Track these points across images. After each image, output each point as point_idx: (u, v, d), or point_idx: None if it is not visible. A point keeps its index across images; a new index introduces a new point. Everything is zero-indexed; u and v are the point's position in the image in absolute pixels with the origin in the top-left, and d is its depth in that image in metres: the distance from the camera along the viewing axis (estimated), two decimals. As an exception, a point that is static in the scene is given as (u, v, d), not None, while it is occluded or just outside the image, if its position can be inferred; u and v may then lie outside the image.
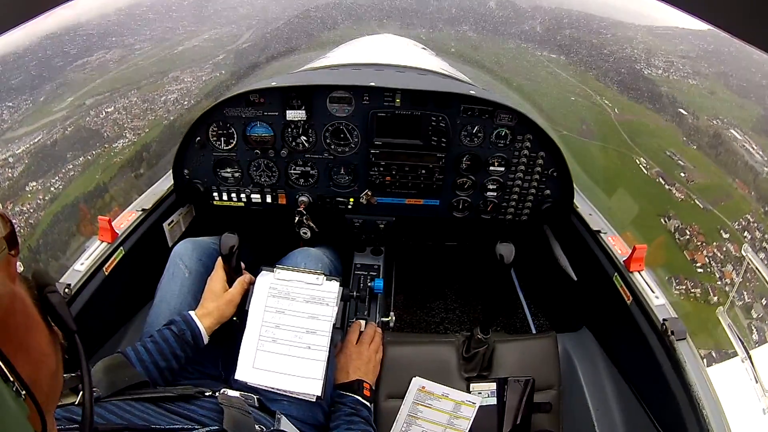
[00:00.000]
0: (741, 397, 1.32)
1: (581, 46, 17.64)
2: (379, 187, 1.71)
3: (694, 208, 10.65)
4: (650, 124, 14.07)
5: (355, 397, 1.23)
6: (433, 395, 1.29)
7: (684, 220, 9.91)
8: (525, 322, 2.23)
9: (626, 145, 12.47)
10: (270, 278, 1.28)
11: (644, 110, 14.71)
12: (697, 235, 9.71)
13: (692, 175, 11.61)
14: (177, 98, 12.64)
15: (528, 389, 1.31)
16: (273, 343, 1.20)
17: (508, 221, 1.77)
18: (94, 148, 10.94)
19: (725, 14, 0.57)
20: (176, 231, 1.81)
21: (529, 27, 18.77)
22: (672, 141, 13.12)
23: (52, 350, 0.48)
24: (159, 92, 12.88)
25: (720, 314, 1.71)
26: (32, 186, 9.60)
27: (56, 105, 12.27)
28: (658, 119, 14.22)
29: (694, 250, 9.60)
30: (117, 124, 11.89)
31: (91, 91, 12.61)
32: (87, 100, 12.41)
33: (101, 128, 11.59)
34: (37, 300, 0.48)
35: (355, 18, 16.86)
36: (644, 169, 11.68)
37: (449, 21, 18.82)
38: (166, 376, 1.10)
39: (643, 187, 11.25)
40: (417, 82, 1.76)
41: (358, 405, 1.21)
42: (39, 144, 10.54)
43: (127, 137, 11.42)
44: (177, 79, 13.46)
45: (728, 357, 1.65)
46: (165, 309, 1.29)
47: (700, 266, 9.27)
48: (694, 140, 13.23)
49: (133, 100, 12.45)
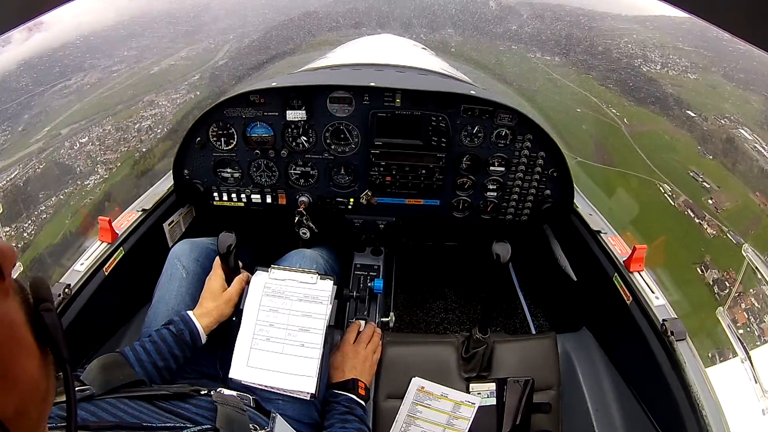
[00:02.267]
0: (740, 397, 1.32)
1: (573, 43, 17.40)
2: (379, 187, 1.71)
3: (726, 245, 9.42)
4: (663, 134, 13.48)
5: (350, 396, 1.23)
6: (433, 395, 1.29)
7: (719, 264, 8.51)
8: (525, 323, 2.23)
9: (646, 168, 11.57)
10: (264, 277, 1.28)
11: (652, 116, 14.21)
12: (733, 283, 8.16)
13: (718, 200, 10.63)
14: (150, 125, 12.36)
15: (527, 389, 1.31)
16: (267, 342, 1.20)
17: (508, 221, 1.77)
18: (67, 186, 10.63)
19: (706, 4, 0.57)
20: (176, 231, 1.81)
21: (517, 26, 18.54)
22: (689, 154, 12.47)
23: (43, 374, 0.45)
24: (133, 119, 12.61)
25: (720, 314, 1.70)
26: (6, 232, 9.34)
27: (33, 136, 11.98)
28: (668, 126, 13.70)
29: (733, 305, 7.80)
30: (90, 158, 11.54)
31: (67, 120, 12.36)
32: (63, 130, 12.14)
33: (74, 162, 11.30)
34: (31, 316, 0.46)
35: (330, 28, 16.69)
36: (671, 200, 10.70)
37: (430, 24, 18.59)
38: (164, 375, 1.11)
39: (674, 225, 10.13)
40: (417, 82, 1.76)
41: (352, 404, 1.22)
42: (13, 181, 10.22)
43: (98, 173, 11.09)
44: (152, 103, 13.17)
45: (728, 357, 1.65)
46: (163, 309, 1.29)
47: (741, 326, 7.60)
48: (709, 149, 12.63)
49: (107, 129, 12.16)
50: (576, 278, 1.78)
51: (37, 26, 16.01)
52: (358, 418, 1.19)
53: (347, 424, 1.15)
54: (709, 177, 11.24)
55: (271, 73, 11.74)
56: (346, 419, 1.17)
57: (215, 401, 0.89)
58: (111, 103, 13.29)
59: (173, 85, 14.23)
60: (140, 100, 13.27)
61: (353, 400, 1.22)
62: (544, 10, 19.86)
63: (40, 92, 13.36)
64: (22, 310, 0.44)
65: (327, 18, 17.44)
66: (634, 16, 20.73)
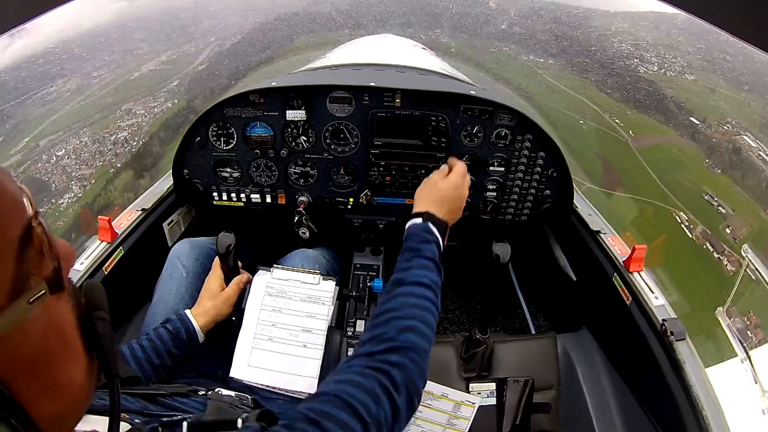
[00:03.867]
0: (740, 397, 1.32)
1: (564, 42, 17.15)
2: (379, 187, 1.71)
3: (746, 281, 8.32)
4: (670, 148, 12.88)
5: (424, 225, 1.04)
6: (432, 395, 1.29)
7: (741, 307, 7.31)
8: (524, 323, 2.23)
9: (659, 191, 10.79)
10: (267, 277, 1.29)
11: (656, 125, 13.72)
12: (755, 329, 7.34)
13: (735, 225, 10.00)
14: (126, 137, 12.16)
15: (527, 389, 1.31)
16: (269, 342, 1.21)
17: (508, 221, 1.77)
18: (41, 205, 10.51)
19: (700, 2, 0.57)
20: (176, 231, 1.81)
21: (507, 25, 18.33)
22: (699, 170, 11.93)
23: (87, 380, 0.44)
24: (110, 129, 12.39)
25: (719, 315, 1.70)
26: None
27: (13, 147, 11.83)
28: (674, 138, 13.16)
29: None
30: (65, 173, 11.38)
31: (46, 131, 12.18)
32: (41, 141, 11.98)
33: (50, 178, 11.18)
34: (82, 320, 0.45)
35: (307, 30, 16.48)
36: (688, 232, 10.00)
37: (422, 25, 18.37)
38: (160, 374, 1.11)
39: (694, 263, 9.31)
40: (417, 82, 1.76)
41: (426, 232, 1.02)
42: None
43: (73, 190, 10.94)
44: (129, 113, 12.93)
45: (728, 357, 1.65)
46: (162, 309, 1.29)
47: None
48: (717, 162, 12.15)
49: (84, 140, 11.97)
50: (576, 278, 1.78)
51: (20, 32, 15.94)
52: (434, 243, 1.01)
53: (425, 243, 0.99)
54: (722, 197, 10.69)
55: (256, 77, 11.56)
56: (426, 239, 1.00)
57: (209, 398, 0.89)
58: (89, 112, 12.98)
59: (151, 92, 13.98)
60: (118, 109, 13.01)
61: (425, 227, 1.04)
62: (532, 8, 19.70)
63: (22, 100, 13.18)
64: (73, 313, 0.44)
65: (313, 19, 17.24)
66: (623, 12, 20.60)
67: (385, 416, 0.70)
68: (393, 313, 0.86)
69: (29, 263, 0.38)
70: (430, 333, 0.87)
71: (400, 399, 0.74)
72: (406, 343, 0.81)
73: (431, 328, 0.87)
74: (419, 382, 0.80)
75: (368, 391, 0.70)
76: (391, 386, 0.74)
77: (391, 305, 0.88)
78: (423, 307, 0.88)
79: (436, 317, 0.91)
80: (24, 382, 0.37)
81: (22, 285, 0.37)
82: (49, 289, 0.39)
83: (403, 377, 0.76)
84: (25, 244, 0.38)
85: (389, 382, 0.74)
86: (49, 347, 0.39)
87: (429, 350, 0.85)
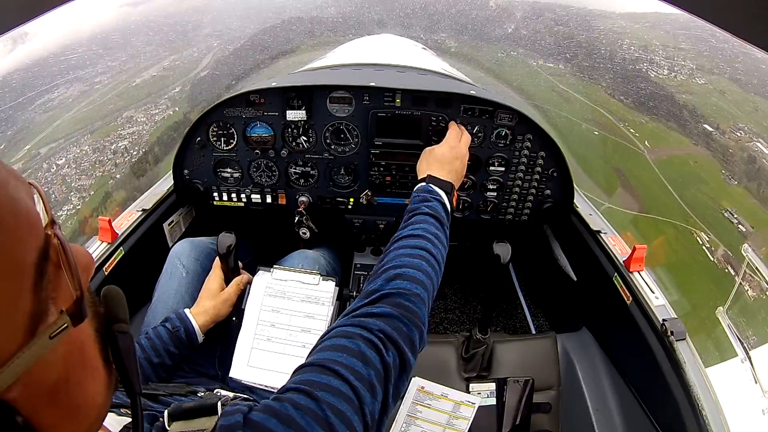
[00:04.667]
0: (740, 397, 1.32)
1: (572, 44, 16.99)
2: (379, 187, 1.71)
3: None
4: (687, 159, 12.39)
5: (424, 185, 1.09)
6: (433, 395, 1.29)
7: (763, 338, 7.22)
8: (525, 323, 2.23)
9: (679, 210, 10.26)
10: (267, 278, 1.29)
11: (670, 133, 13.28)
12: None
13: (756, 244, 9.47)
14: (127, 146, 11.87)
15: (527, 389, 1.31)
16: (268, 342, 1.21)
17: (508, 221, 1.77)
18: None
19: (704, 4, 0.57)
20: (176, 231, 1.81)
21: (512, 28, 18.14)
22: (717, 183, 11.39)
23: (106, 397, 0.41)
24: (111, 137, 12.09)
25: (720, 314, 1.70)
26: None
27: (13, 155, 11.55)
28: (689, 148, 12.76)
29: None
30: (65, 183, 11.13)
31: (47, 138, 11.91)
32: (42, 149, 11.75)
33: (50, 188, 10.91)
34: (101, 332, 0.41)
35: (309, 34, 16.31)
36: (710, 255, 9.53)
37: (426, 28, 18.19)
38: (159, 373, 1.11)
39: (714, 289, 8.82)
40: (417, 82, 1.76)
41: (425, 192, 1.06)
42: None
43: (72, 201, 10.71)
44: (131, 120, 12.64)
45: (728, 357, 1.65)
46: (162, 308, 1.30)
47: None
48: (733, 172, 11.71)
49: (84, 149, 11.69)
50: (576, 278, 1.78)
51: (22, 37, 15.80)
52: (438, 202, 1.04)
53: (426, 202, 1.02)
54: (741, 212, 10.29)
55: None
56: (425, 199, 1.04)
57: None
58: (90, 119, 12.74)
59: (153, 99, 13.75)
60: (119, 116, 12.70)
61: (427, 189, 1.08)
62: (537, 10, 19.58)
63: (24, 106, 13.08)
64: (93, 324, 0.41)
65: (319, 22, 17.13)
66: (627, 13, 20.47)
67: (376, 375, 0.65)
68: (383, 267, 0.83)
69: (47, 288, 0.35)
70: (423, 277, 0.81)
71: (389, 353, 0.69)
72: (392, 290, 0.76)
73: (424, 272, 0.83)
74: (410, 331, 0.73)
75: (353, 353, 0.65)
76: (376, 340, 0.68)
77: (382, 262, 0.86)
78: (414, 255, 0.85)
79: (433, 263, 0.87)
80: (44, 411, 0.35)
81: (40, 316, 0.34)
82: (72, 321, 0.36)
83: (389, 327, 0.71)
84: (42, 269, 0.35)
85: (374, 336, 0.69)
86: (70, 372, 0.37)
87: (424, 295, 0.79)
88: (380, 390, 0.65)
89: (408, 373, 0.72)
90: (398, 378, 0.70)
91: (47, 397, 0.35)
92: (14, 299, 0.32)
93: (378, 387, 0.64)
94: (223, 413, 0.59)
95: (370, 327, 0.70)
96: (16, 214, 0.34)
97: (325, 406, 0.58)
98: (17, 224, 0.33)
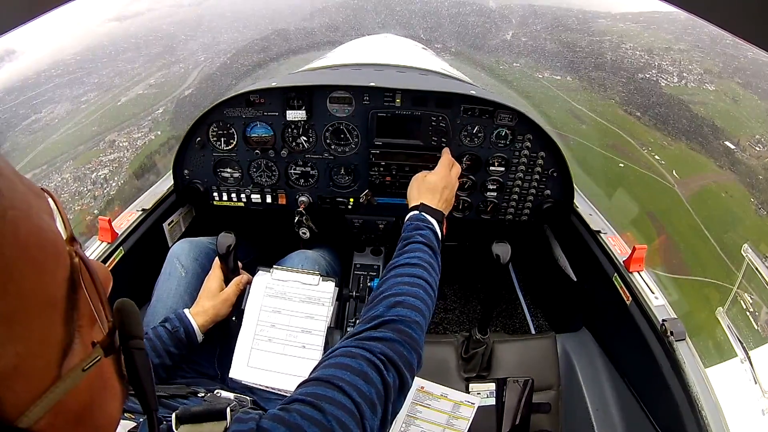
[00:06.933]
0: (740, 397, 1.32)
1: (577, 51, 16.53)
2: (379, 187, 1.71)
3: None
4: (717, 189, 10.96)
5: (417, 214, 1.13)
6: (432, 395, 1.29)
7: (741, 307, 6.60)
8: (524, 323, 2.23)
9: (720, 264, 8.53)
10: (267, 278, 1.29)
11: (693, 155, 12.02)
12: None
13: None
14: (107, 176, 11.45)
15: (527, 389, 1.31)
16: (268, 342, 1.21)
17: (508, 221, 1.77)
18: None
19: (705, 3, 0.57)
20: (176, 231, 1.81)
21: (511, 36, 17.76)
22: (748, 217, 9.97)
23: (120, 410, 0.41)
24: (92, 165, 11.69)
25: (719, 315, 1.70)
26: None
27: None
28: (715, 172, 11.47)
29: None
30: None
31: (31, 163, 11.49)
32: (27, 175, 11.68)
33: None
34: (115, 348, 0.40)
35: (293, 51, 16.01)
36: (755, 322, 8.50)
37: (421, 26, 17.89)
38: (159, 373, 1.11)
39: None
40: (417, 82, 1.76)
41: (418, 221, 1.10)
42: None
43: None
44: (113, 145, 12.25)
45: (728, 358, 1.65)
46: (161, 308, 1.30)
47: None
48: (763, 200, 10.28)
49: (65, 177, 11.29)
50: (576, 278, 1.78)
51: (9, 55, 15.64)
52: (430, 230, 1.07)
53: (418, 231, 1.06)
54: None
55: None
56: (419, 227, 1.07)
57: (205, 400, 0.89)
58: (75, 142, 12.47)
59: (137, 120, 13.40)
60: (102, 140, 12.38)
61: (419, 217, 1.12)
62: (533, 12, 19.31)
63: (13, 125, 12.91)
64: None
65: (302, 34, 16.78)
66: (624, 13, 20.22)
67: (377, 393, 0.69)
68: (383, 294, 0.88)
69: (76, 318, 0.34)
70: (422, 305, 0.87)
71: (390, 374, 0.73)
72: (393, 316, 0.81)
73: (422, 300, 0.88)
74: (410, 355, 0.79)
75: (357, 372, 0.70)
76: (378, 362, 0.72)
77: (381, 288, 0.90)
78: (413, 283, 0.90)
79: (429, 291, 0.92)
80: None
81: (71, 346, 0.33)
82: (105, 353, 0.36)
83: (390, 350, 0.75)
84: (72, 301, 0.33)
85: (376, 358, 0.73)
86: (94, 397, 0.37)
87: (422, 322, 0.85)
88: (380, 408, 0.69)
89: (406, 394, 0.77)
90: (397, 398, 0.75)
91: (73, 422, 0.35)
92: (46, 336, 0.31)
93: (378, 405, 0.69)
94: (237, 419, 0.62)
95: (373, 349, 0.75)
96: (44, 247, 0.31)
97: (330, 418, 0.61)
98: (45, 258, 0.31)
